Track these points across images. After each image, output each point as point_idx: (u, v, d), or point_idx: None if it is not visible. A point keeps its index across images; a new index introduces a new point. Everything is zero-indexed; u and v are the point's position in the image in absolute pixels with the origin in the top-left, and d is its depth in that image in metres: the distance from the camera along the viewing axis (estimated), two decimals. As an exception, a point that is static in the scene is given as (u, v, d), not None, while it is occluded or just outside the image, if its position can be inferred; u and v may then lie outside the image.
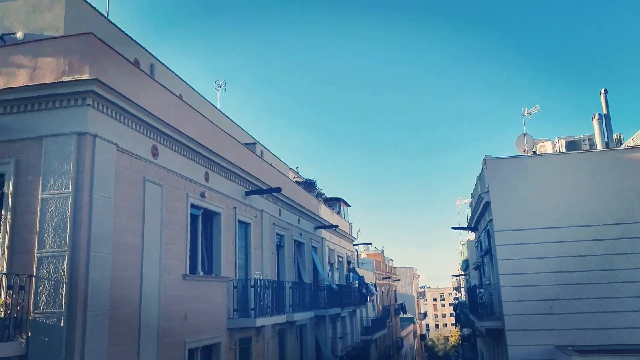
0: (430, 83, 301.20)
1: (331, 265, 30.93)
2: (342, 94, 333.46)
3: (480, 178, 21.09)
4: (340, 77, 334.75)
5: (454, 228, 28.24)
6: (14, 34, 12.87)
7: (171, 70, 18.68)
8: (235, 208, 16.72)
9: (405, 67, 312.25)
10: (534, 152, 21.20)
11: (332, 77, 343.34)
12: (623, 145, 20.15)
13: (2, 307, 9.19)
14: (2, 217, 10.00)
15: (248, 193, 17.76)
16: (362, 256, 53.82)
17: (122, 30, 15.33)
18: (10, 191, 10.01)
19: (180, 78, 19.29)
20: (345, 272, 35.21)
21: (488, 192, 18.70)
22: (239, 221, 17.08)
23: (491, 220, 18.70)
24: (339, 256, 33.30)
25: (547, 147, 21.35)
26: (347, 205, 38.91)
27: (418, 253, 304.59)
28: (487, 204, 19.14)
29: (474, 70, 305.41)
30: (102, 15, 14.60)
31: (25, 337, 9.28)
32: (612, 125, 20.00)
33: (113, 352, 10.16)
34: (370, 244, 52.57)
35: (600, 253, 17.13)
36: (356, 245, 41.96)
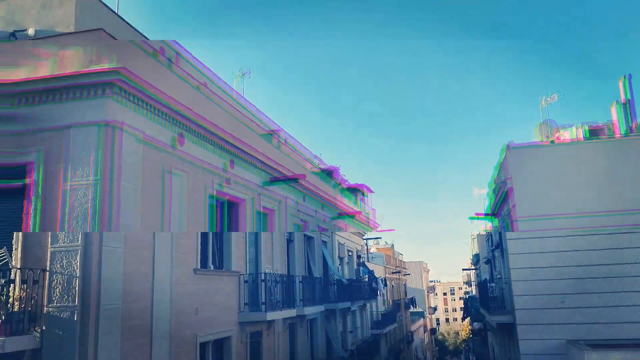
0: (449, 70, 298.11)
1: (341, 259, 30.91)
2: (361, 81, 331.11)
3: (502, 166, 20.86)
4: (360, 65, 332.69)
5: (472, 218, 27.48)
6: (25, 30, 12.93)
7: (192, 59, 18.52)
8: (256, 196, 16.76)
9: (427, 54, 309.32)
10: (553, 140, 21.00)
11: (353, 63, 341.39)
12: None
13: (17, 301, 9.28)
14: (32, 205, 10.05)
15: (269, 182, 17.80)
16: (372, 250, 53.80)
17: (131, 25, 15.30)
18: (40, 180, 10.06)
19: (199, 67, 19.12)
20: (355, 267, 35.19)
21: (510, 179, 18.53)
22: (262, 208, 17.16)
23: (512, 207, 18.55)
24: (348, 250, 33.26)
25: (567, 134, 21.18)
26: (370, 191, 37.83)
27: (429, 247, 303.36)
28: (509, 191, 18.97)
29: (493, 58, 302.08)
30: (112, 10, 14.62)
31: (39, 330, 9.36)
32: (635, 112, 19.80)
33: (126, 345, 10.23)
34: (380, 238, 52.52)
35: (611, 247, 17.01)
36: (366, 239, 41.89)
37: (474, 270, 52.13)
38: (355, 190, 34.64)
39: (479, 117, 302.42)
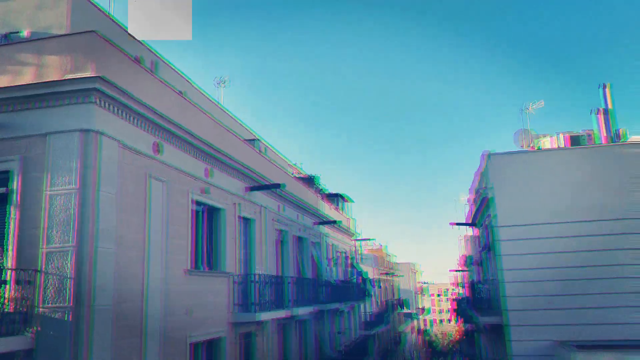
0: (432, 77, 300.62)
1: (332, 260, 31.02)
2: (344, 88, 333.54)
3: (483, 173, 21.13)
4: (343, 71, 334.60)
5: (454, 224, 27.96)
6: (19, 32, 12.93)
7: (173, 67, 18.73)
8: (236, 204, 16.78)
9: (410, 61, 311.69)
10: (535, 148, 21.21)
11: (336, 70, 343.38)
12: (629, 140, 20.16)
13: (11, 301, 9.29)
14: (10, 213, 10.10)
15: (249, 189, 17.82)
16: (364, 251, 53.89)
17: (124, 28, 15.39)
18: (17, 188, 10.12)
19: (182, 75, 19.35)
20: (346, 268, 35.30)
21: (492, 187, 18.70)
22: (241, 217, 17.14)
23: (494, 216, 18.76)
24: (340, 251, 33.38)
25: (547, 143, 21.40)
26: (349, 201, 38.88)
27: (419, 249, 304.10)
28: (490, 199, 19.18)
29: (474, 65, 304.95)
30: (106, 12, 14.65)
31: (33, 331, 9.38)
32: (616, 120, 20.00)
33: (118, 346, 10.28)
34: (373, 239, 52.60)
35: (602, 248, 17.17)
36: (358, 240, 42.05)
37: (464, 272, 52.32)
38: (335, 199, 34.98)
39: (463, 123, 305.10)
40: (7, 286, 9.37)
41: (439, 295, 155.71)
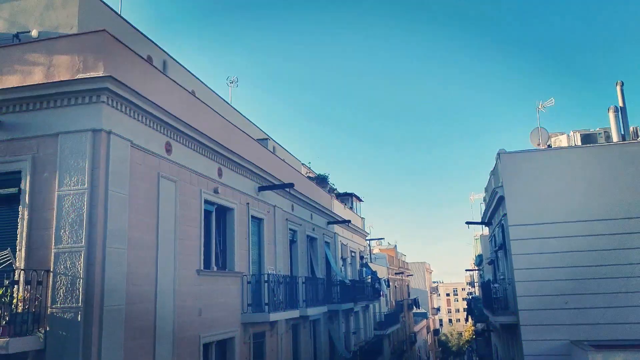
0: (442, 76, 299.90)
1: (344, 260, 30.93)
2: (353, 87, 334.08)
3: (494, 172, 20.99)
4: (352, 71, 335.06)
5: (467, 223, 27.93)
6: (29, 32, 12.99)
7: (183, 67, 18.75)
8: (248, 203, 16.77)
9: (418, 59, 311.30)
10: (549, 146, 21.03)
11: (344, 70, 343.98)
12: None
13: (20, 301, 9.29)
14: (20, 213, 10.12)
15: (261, 189, 17.79)
16: (375, 251, 53.81)
17: (134, 27, 15.42)
18: (27, 188, 10.13)
19: (192, 74, 19.37)
20: (358, 267, 35.21)
21: (502, 186, 18.58)
22: (252, 217, 17.12)
23: (505, 214, 18.61)
24: (351, 251, 33.28)
25: (562, 141, 21.18)
26: (360, 200, 38.87)
27: (431, 248, 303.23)
28: (501, 198, 19.03)
29: (487, 64, 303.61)
30: (115, 12, 14.68)
31: (43, 331, 9.38)
32: (629, 118, 19.77)
33: (129, 346, 10.25)
34: (383, 238, 52.60)
35: (615, 247, 16.98)
36: (369, 240, 41.93)
37: (477, 271, 52.09)
38: (347, 198, 35.02)
39: (474, 122, 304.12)
40: (18, 286, 9.36)
41: (448, 295, 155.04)
